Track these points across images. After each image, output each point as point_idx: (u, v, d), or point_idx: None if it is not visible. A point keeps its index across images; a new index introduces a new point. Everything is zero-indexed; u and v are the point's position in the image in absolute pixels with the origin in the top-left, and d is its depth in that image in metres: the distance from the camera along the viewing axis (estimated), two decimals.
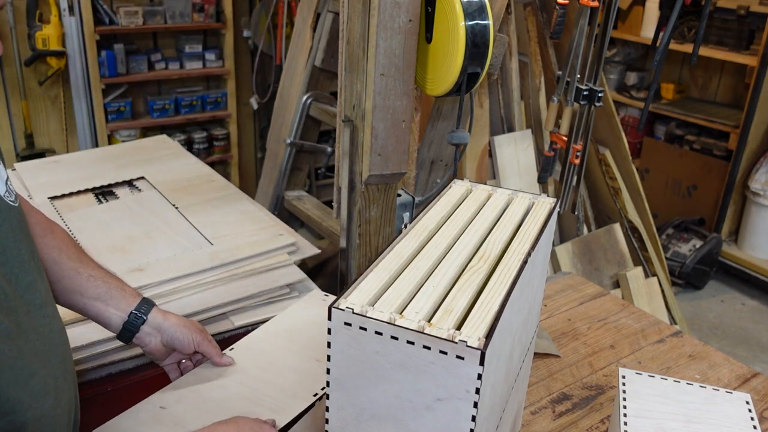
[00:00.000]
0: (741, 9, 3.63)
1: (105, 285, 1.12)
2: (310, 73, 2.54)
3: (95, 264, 1.14)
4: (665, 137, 4.19)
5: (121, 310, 1.12)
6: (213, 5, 3.86)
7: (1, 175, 0.88)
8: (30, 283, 0.88)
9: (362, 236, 1.79)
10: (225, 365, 1.20)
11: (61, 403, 0.91)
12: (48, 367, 0.89)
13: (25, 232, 0.91)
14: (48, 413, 0.88)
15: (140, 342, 1.16)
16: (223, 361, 1.20)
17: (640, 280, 2.66)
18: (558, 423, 1.29)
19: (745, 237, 3.83)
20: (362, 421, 0.82)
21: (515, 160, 2.48)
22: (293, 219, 2.67)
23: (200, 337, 1.18)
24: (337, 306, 0.78)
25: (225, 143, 4.19)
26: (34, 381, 0.85)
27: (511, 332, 0.88)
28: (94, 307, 1.11)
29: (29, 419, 0.84)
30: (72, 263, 1.10)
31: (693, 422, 1.07)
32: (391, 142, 1.67)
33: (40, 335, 0.88)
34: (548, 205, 1.07)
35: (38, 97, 3.67)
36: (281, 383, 1.16)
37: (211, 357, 1.20)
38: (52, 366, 0.90)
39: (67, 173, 2.04)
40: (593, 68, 1.76)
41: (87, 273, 1.11)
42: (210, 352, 1.19)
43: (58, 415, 0.90)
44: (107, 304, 1.11)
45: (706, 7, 1.91)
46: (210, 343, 1.19)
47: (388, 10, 1.54)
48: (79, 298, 1.10)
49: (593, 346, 1.52)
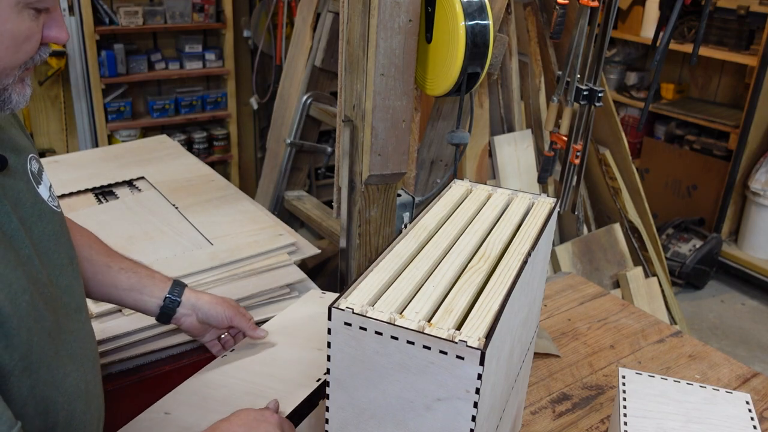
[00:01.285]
0: (741, 9, 3.63)
1: (136, 275, 1.18)
2: (310, 73, 2.54)
3: (122, 257, 1.20)
4: (665, 137, 4.19)
5: (155, 296, 1.18)
6: (213, 5, 3.86)
7: (45, 182, 0.93)
8: (67, 286, 0.92)
9: (362, 236, 1.79)
10: (259, 338, 1.26)
11: (91, 408, 0.93)
12: (81, 371, 0.91)
13: (66, 237, 0.94)
14: (78, 417, 0.89)
15: (178, 322, 1.22)
16: (256, 334, 1.26)
17: (640, 280, 2.66)
18: (558, 423, 1.29)
19: (745, 237, 3.83)
20: (362, 421, 0.82)
21: (515, 160, 2.48)
22: (293, 219, 2.67)
23: (232, 312, 1.24)
24: (337, 306, 0.78)
25: (225, 143, 4.19)
26: (68, 382, 0.87)
27: (511, 332, 0.88)
28: (130, 297, 1.17)
29: (60, 421, 0.86)
30: (103, 258, 1.16)
31: (693, 422, 1.07)
32: (391, 142, 1.67)
33: (76, 338, 0.91)
34: (548, 205, 1.07)
35: (38, 97, 3.66)
36: (284, 375, 1.16)
37: (245, 330, 1.25)
38: (85, 369, 0.92)
39: (67, 173, 2.04)
40: (593, 68, 1.76)
41: (118, 266, 1.17)
42: (243, 325, 1.25)
43: (87, 420, 0.92)
44: (141, 293, 1.18)
45: (706, 7, 1.91)
46: (243, 317, 1.25)
47: (388, 10, 1.54)
48: (115, 291, 1.16)
49: (593, 346, 1.52)
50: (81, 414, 0.90)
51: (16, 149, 0.89)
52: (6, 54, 0.75)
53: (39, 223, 0.88)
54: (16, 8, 0.74)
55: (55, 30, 0.80)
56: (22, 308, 0.79)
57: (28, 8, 0.76)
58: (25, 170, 0.90)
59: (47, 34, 0.80)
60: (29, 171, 0.90)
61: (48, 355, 0.84)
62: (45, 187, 0.93)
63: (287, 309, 1.41)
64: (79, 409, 0.90)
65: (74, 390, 0.88)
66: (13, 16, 0.74)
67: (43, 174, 0.94)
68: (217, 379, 1.16)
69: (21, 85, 0.80)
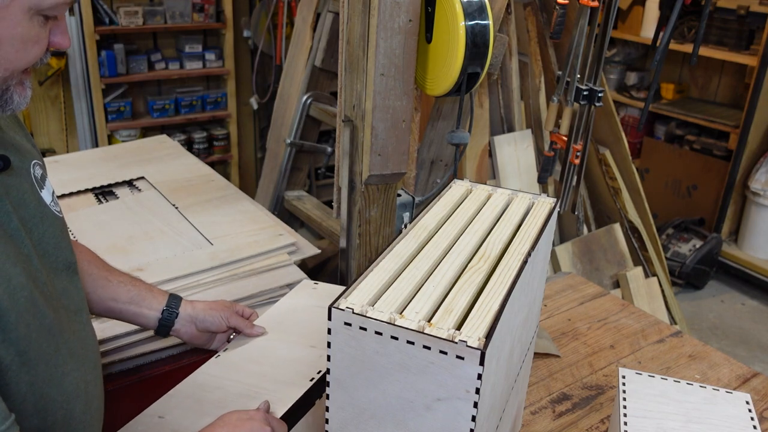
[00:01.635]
0: (741, 9, 3.63)
1: (135, 289, 1.21)
2: (310, 73, 2.54)
3: (119, 271, 1.23)
4: (665, 137, 4.19)
5: (154, 309, 1.21)
6: (213, 5, 3.86)
7: (48, 187, 0.96)
8: (65, 289, 0.93)
9: (362, 236, 1.79)
10: (257, 335, 1.26)
11: (90, 408, 0.94)
12: (81, 370, 0.91)
13: (67, 242, 0.96)
14: (77, 417, 0.90)
15: (177, 334, 1.25)
16: (254, 332, 1.27)
17: (640, 280, 2.66)
18: (558, 423, 1.29)
19: (745, 237, 3.83)
20: (362, 421, 0.82)
21: (515, 160, 2.48)
22: (293, 219, 2.67)
23: (228, 313, 1.26)
24: (337, 306, 0.78)
25: (225, 143, 4.19)
26: (67, 381, 0.88)
27: (511, 332, 0.88)
28: (129, 310, 1.20)
29: (58, 420, 0.87)
30: (102, 272, 1.19)
31: (693, 422, 1.07)
32: (391, 142, 1.67)
33: (77, 338, 0.92)
34: (548, 205, 1.07)
35: (38, 97, 3.66)
36: (277, 375, 1.16)
37: (242, 329, 1.27)
38: (85, 370, 0.93)
39: (67, 173, 2.04)
40: (593, 68, 1.76)
41: (116, 280, 1.20)
42: (239, 325, 1.27)
43: (86, 420, 0.92)
44: (140, 306, 1.20)
45: (706, 7, 1.91)
46: (239, 317, 1.27)
47: (388, 10, 1.54)
48: (114, 304, 1.19)
49: (593, 346, 1.52)
50: (80, 414, 0.90)
51: (19, 152, 0.91)
52: (15, 57, 0.79)
53: (40, 226, 0.90)
54: (28, 14, 0.78)
55: (59, 36, 0.84)
56: (20, 303, 0.80)
57: (38, 15, 0.79)
58: (28, 173, 0.92)
59: (51, 39, 0.83)
60: (33, 175, 0.92)
61: (47, 352, 0.84)
62: (48, 192, 0.95)
63: (280, 301, 1.40)
64: (78, 410, 0.90)
65: (74, 389, 0.89)
66: (24, 21, 0.78)
67: (46, 180, 0.96)
68: (211, 381, 1.16)
69: (21, 87, 0.83)
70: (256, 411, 1.00)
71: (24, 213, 0.87)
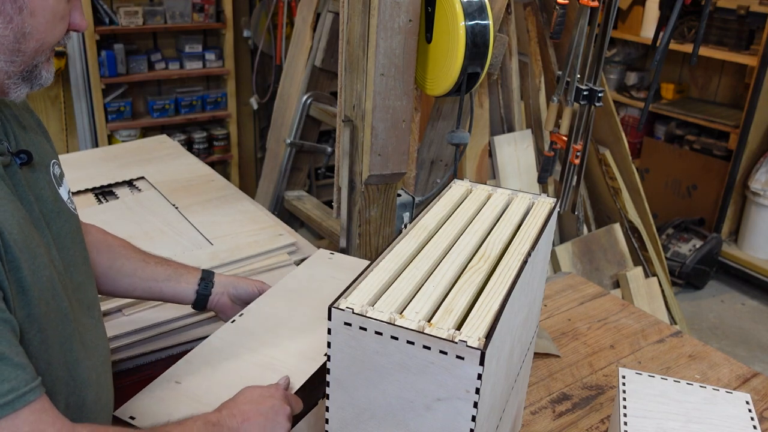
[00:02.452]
0: (741, 9, 3.63)
1: (171, 267, 1.29)
2: (310, 73, 2.54)
3: (153, 255, 1.31)
4: (665, 137, 4.19)
5: (191, 283, 1.29)
6: (213, 5, 3.86)
7: (65, 185, 1.00)
8: (80, 283, 0.97)
9: (362, 236, 1.79)
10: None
11: (101, 400, 0.96)
12: (92, 360, 0.94)
13: (81, 238, 1.00)
14: (89, 406, 0.93)
15: (213, 304, 1.31)
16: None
17: (640, 280, 2.66)
18: (558, 423, 1.29)
19: (745, 237, 3.83)
20: (362, 421, 0.82)
21: (515, 160, 2.48)
22: (293, 219, 2.67)
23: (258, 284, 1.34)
24: (337, 306, 0.78)
25: (225, 143, 4.19)
26: (80, 368, 0.91)
27: (511, 332, 0.88)
28: (168, 287, 1.27)
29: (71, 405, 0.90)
30: (139, 255, 1.27)
31: (693, 422, 1.07)
32: (391, 142, 1.67)
33: (89, 331, 0.96)
34: (548, 205, 1.07)
35: (38, 97, 3.66)
36: (292, 346, 1.17)
37: None
38: (96, 361, 0.96)
39: (67, 173, 2.00)
40: (593, 68, 1.76)
41: (153, 261, 1.28)
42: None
43: (96, 410, 0.95)
44: (179, 281, 1.28)
45: (706, 7, 1.91)
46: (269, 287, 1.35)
47: (388, 10, 1.54)
48: (155, 284, 1.26)
49: (593, 346, 1.52)
50: (91, 404, 0.93)
51: (40, 151, 0.95)
52: (45, 29, 0.83)
53: (58, 220, 0.94)
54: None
55: (78, 17, 0.88)
56: (42, 282, 0.84)
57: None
58: (48, 170, 0.96)
59: (72, 20, 0.88)
60: (52, 173, 0.97)
61: (62, 335, 0.88)
62: (65, 190, 1.00)
63: (296, 269, 1.42)
64: (89, 398, 0.92)
65: (86, 377, 0.92)
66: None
67: (63, 179, 1.01)
68: (227, 348, 1.17)
69: (47, 64, 0.87)
70: (276, 388, 1.02)
71: (43, 207, 0.91)
